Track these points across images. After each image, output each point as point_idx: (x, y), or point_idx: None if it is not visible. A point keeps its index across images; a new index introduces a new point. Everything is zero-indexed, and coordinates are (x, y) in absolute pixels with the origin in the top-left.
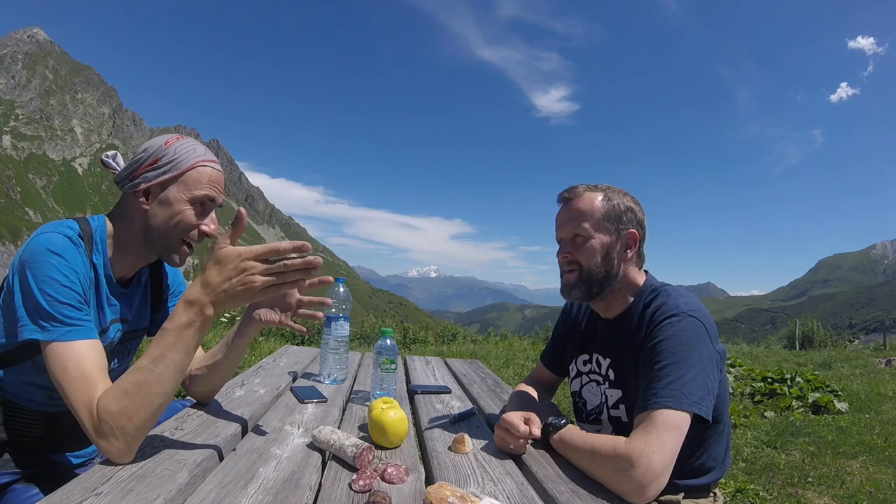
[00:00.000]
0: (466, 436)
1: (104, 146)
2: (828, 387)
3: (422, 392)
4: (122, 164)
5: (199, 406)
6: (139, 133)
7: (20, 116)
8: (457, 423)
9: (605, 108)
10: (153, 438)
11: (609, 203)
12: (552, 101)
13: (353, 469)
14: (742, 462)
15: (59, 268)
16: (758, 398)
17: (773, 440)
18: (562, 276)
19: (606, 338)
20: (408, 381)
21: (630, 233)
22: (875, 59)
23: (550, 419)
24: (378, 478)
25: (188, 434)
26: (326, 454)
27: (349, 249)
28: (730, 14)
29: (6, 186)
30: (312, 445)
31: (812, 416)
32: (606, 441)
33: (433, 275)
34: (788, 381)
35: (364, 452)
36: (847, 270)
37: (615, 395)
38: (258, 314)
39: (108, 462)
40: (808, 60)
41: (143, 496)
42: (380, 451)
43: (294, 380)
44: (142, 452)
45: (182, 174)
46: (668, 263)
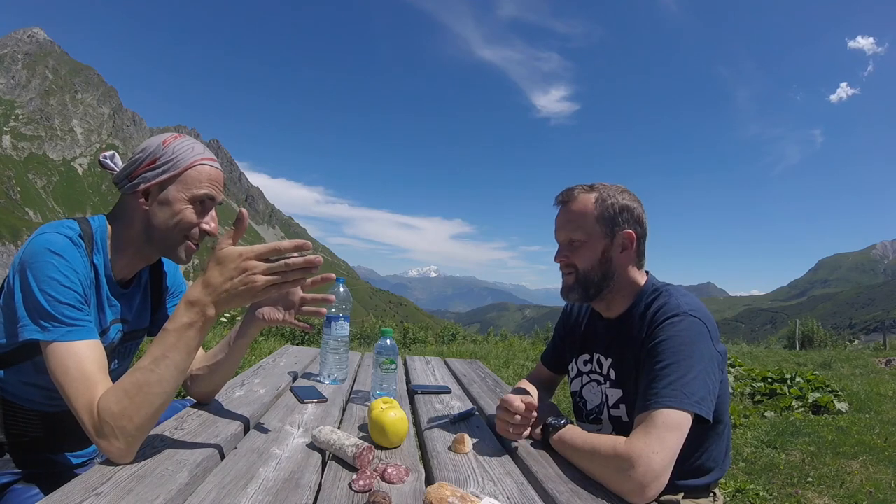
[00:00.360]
0: (466, 436)
1: (104, 146)
2: (828, 387)
3: (422, 392)
4: (121, 165)
5: (200, 406)
6: (139, 133)
7: (20, 116)
8: (457, 423)
9: (605, 109)
10: (153, 438)
11: (603, 204)
12: (552, 101)
13: (353, 469)
14: (742, 462)
15: (60, 268)
16: (758, 398)
17: (773, 440)
18: (562, 279)
19: (608, 338)
20: (408, 381)
21: (626, 233)
22: (875, 59)
23: (550, 419)
24: (378, 478)
25: (188, 434)
26: (326, 454)
27: (349, 249)
28: (730, 14)
29: (6, 186)
30: (312, 445)
31: (812, 416)
32: (606, 441)
33: (433, 275)
34: (788, 381)
35: (364, 452)
36: (847, 270)
37: (615, 395)
38: (261, 313)
39: (108, 462)
40: (808, 60)
41: (143, 496)
42: (380, 451)
43: (294, 380)
44: (142, 452)
45: (181, 173)
46: (668, 263)
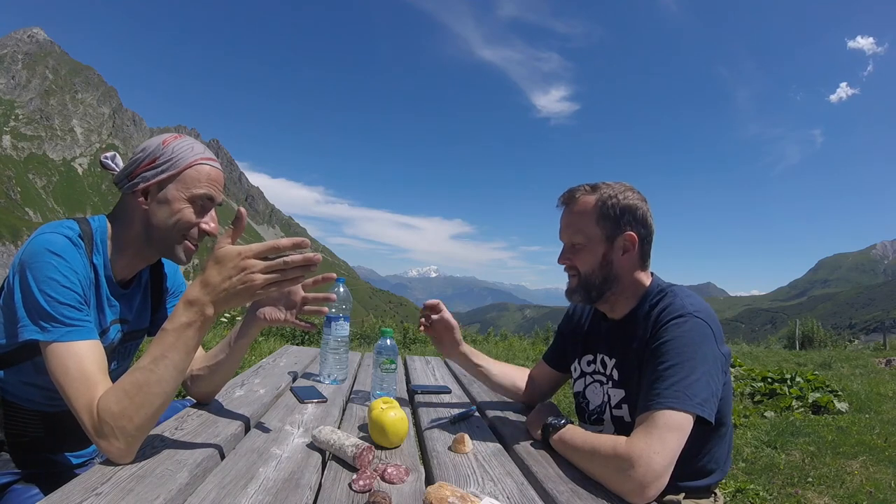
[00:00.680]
0: (466, 436)
1: (104, 146)
2: (828, 387)
3: (422, 392)
4: (121, 165)
5: (200, 406)
6: (139, 133)
7: (20, 116)
8: (457, 423)
9: (605, 109)
10: (153, 438)
11: (603, 207)
12: (552, 102)
13: (353, 469)
14: (742, 462)
15: (60, 268)
16: (758, 398)
17: (773, 440)
18: (568, 279)
19: (612, 338)
20: (408, 381)
21: (628, 235)
22: (875, 59)
23: (550, 419)
24: (378, 478)
25: (188, 434)
26: (326, 454)
27: (349, 249)
28: (730, 14)
29: (6, 186)
30: (312, 445)
31: (812, 416)
32: (607, 441)
33: (433, 275)
34: (788, 381)
35: (364, 452)
36: (847, 270)
37: (618, 395)
38: (262, 313)
39: (108, 462)
40: (808, 60)
41: (143, 496)
42: (380, 451)
43: (294, 380)
44: (142, 452)
45: (180, 173)
46: (668, 263)
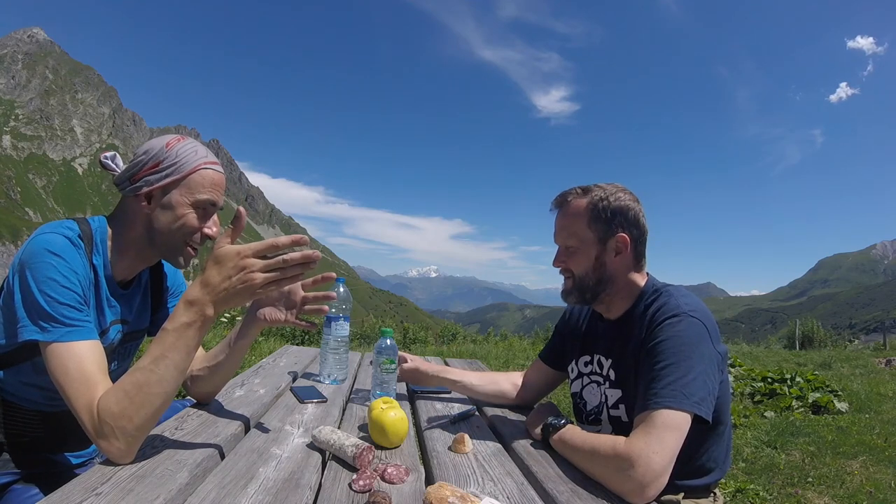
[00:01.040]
0: (466, 436)
1: (104, 146)
2: (828, 387)
3: (422, 392)
4: (122, 166)
5: (200, 406)
6: (139, 133)
7: (20, 116)
8: (457, 423)
9: (606, 109)
10: (153, 438)
11: (595, 209)
12: (552, 102)
13: (353, 469)
14: (742, 462)
15: (59, 269)
16: (758, 398)
17: (773, 440)
18: (563, 281)
19: (608, 339)
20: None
21: (620, 237)
22: (874, 59)
23: (550, 419)
24: (378, 478)
25: (188, 434)
26: (326, 454)
27: (349, 249)
28: (730, 14)
29: (6, 186)
30: (312, 445)
31: (812, 416)
32: (606, 441)
33: (433, 275)
34: (788, 381)
35: (364, 452)
36: (847, 270)
37: (615, 395)
38: (263, 314)
39: (108, 462)
40: (808, 60)
41: (143, 496)
42: (380, 451)
43: (294, 380)
44: (142, 452)
45: (184, 177)
46: (668, 263)
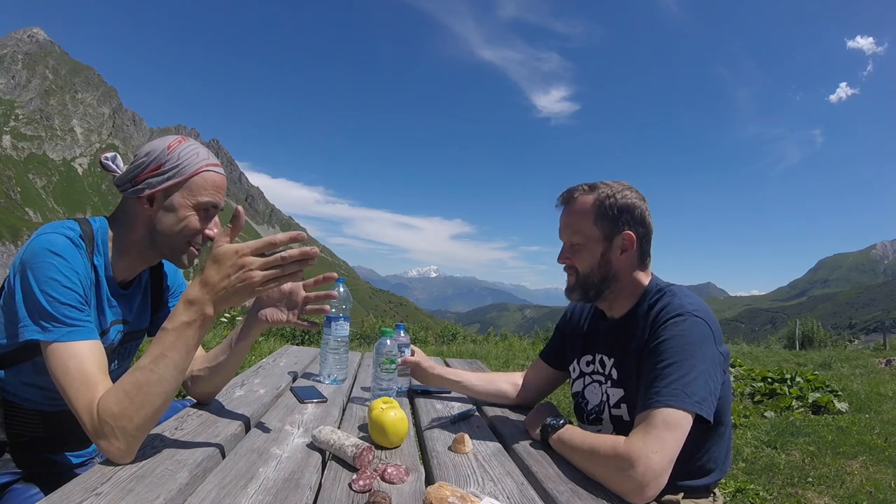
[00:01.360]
0: (466, 436)
1: (104, 146)
2: (828, 387)
3: (422, 392)
4: (122, 166)
5: (200, 406)
6: (139, 133)
7: (20, 116)
8: (457, 423)
9: (606, 109)
10: (153, 438)
11: (602, 206)
12: (552, 102)
13: (353, 469)
14: (742, 462)
15: (61, 268)
16: (758, 398)
17: (773, 440)
18: (567, 278)
19: (610, 338)
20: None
21: (626, 235)
22: (874, 59)
23: (548, 419)
24: (378, 478)
25: (188, 434)
26: (326, 454)
27: (349, 249)
28: (730, 14)
29: (6, 186)
30: (312, 445)
31: (812, 416)
32: (606, 441)
33: (433, 275)
34: (788, 381)
35: (364, 452)
36: (847, 270)
37: (617, 395)
38: (264, 314)
39: (109, 462)
40: (808, 60)
41: (143, 496)
42: (380, 451)
43: (294, 380)
44: (142, 452)
45: (186, 180)
46: (668, 263)
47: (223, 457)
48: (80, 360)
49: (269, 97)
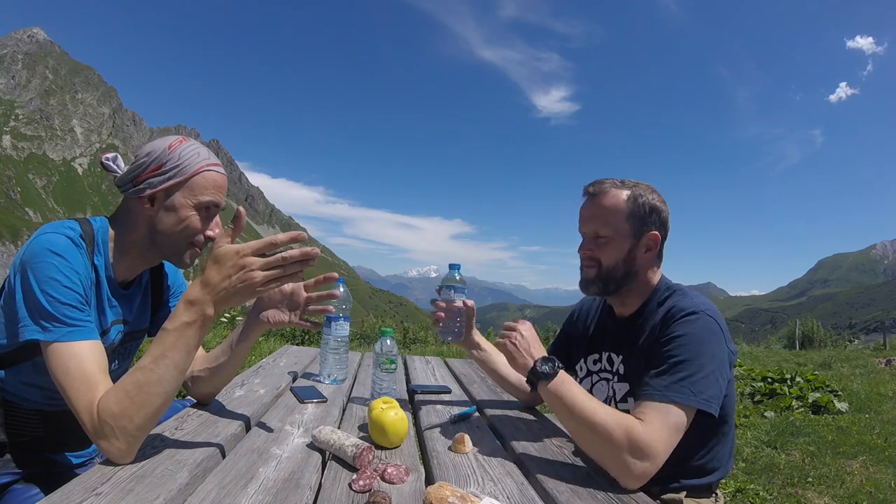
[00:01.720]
0: (466, 436)
1: (104, 146)
2: (828, 387)
3: (422, 392)
4: (123, 167)
5: (200, 406)
6: (139, 133)
7: (20, 116)
8: (457, 423)
9: (606, 109)
10: (153, 438)
11: (635, 203)
12: (552, 102)
13: (353, 469)
14: (742, 462)
15: (61, 268)
16: (758, 398)
17: (773, 440)
18: (581, 271)
19: (619, 335)
20: (408, 381)
21: (652, 234)
22: (874, 59)
23: (539, 364)
24: (378, 478)
25: (188, 434)
26: (326, 454)
27: (349, 249)
28: (730, 14)
29: (6, 186)
30: (312, 445)
31: (812, 416)
32: (616, 419)
33: (433, 275)
34: (788, 381)
35: (364, 452)
36: (847, 270)
37: (623, 389)
38: (266, 316)
39: (109, 462)
40: (807, 60)
41: (143, 496)
42: (380, 451)
43: (294, 380)
44: (142, 452)
45: (187, 180)
46: (668, 263)
47: (223, 457)
48: (81, 360)
49: (269, 97)
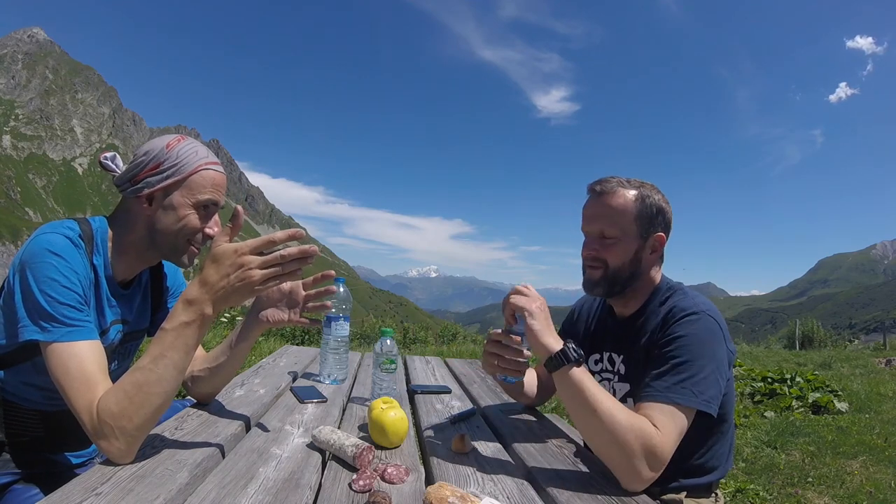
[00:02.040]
0: (466, 436)
1: (104, 146)
2: (828, 387)
3: (422, 392)
4: (122, 166)
5: (200, 406)
6: (139, 133)
7: (20, 116)
8: (457, 423)
9: (606, 109)
10: (153, 438)
11: (643, 204)
12: (553, 102)
13: (353, 469)
14: (742, 462)
15: (60, 269)
16: (758, 398)
17: (773, 440)
18: (584, 271)
19: (620, 335)
20: (408, 381)
21: (658, 236)
22: (874, 59)
23: (569, 345)
24: (378, 478)
25: (188, 434)
26: (326, 454)
27: (349, 249)
28: (730, 14)
29: (6, 186)
30: (312, 445)
31: (812, 416)
32: (633, 424)
33: (433, 275)
34: (788, 381)
35: (364, 452)
36: (847, 270)
37: (623, 389)
38: (265, 315)
39: (108, 462)
40: (807, 60)
41: (143, 496)
42: (380, 451)
43: (294, 380)
44: (142, 452)
45: (185, 178)
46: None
47: (223, 457)
48: (80, 361)
49: (270, 97)
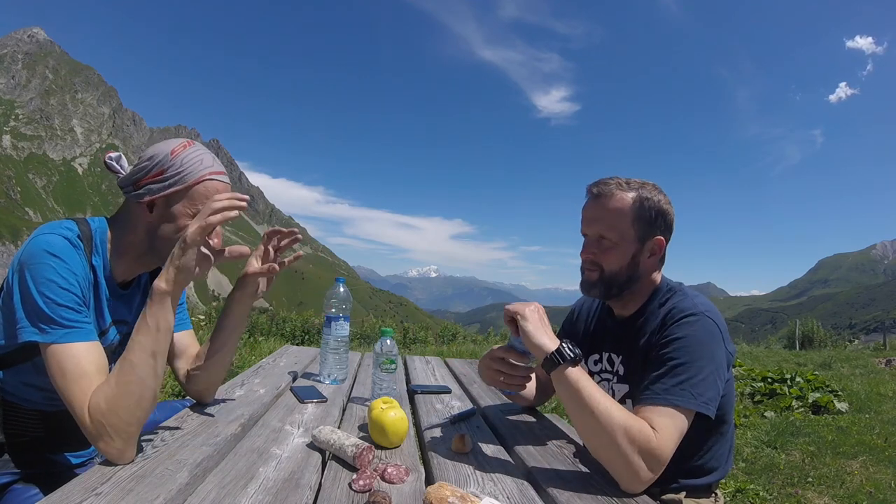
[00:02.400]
0: (466, 436)
1: (104, 146)
2: (828, 387)
3: (422, 392)
4: (126, 167)
5: (200, 406)
6: (139, 133)
7: (20, 116)
8: (457, 423)
9: (606, 109)
10: (153, 438)
11: (641, 207)
12: (553, 102)
13: (353, 469)
14: (742, 462)
15: (58, 270)
16: (758, 398)
17: (773, 440)
18: (583, 273)
19: (619, 335)
20: (408, 381)
21: (658, 240)
22: (874, 59)
23: (565, 344)
24: (378, 478)
25: (188, 434)
26: (326, 454)
27: (349, 249)
28: (729, 14)
29: (6, 186)
30: (312, 445)
31: (812, 416)
32: (631, 425)
33: (433, 275)
34: (788, 381)
35: (364, 452)
36: (847, 270)
37: (622, 390)
38: (244, 273)
39: (108, 462)
40: (807, 61)
41: (143, 496)
42: (380, 451)
43: (294, 380)
44: (142, 453)
45: (188, 189)
46: (668, 263)
47: (223, 457)
48: (78, 362)
49: (269, 97)
